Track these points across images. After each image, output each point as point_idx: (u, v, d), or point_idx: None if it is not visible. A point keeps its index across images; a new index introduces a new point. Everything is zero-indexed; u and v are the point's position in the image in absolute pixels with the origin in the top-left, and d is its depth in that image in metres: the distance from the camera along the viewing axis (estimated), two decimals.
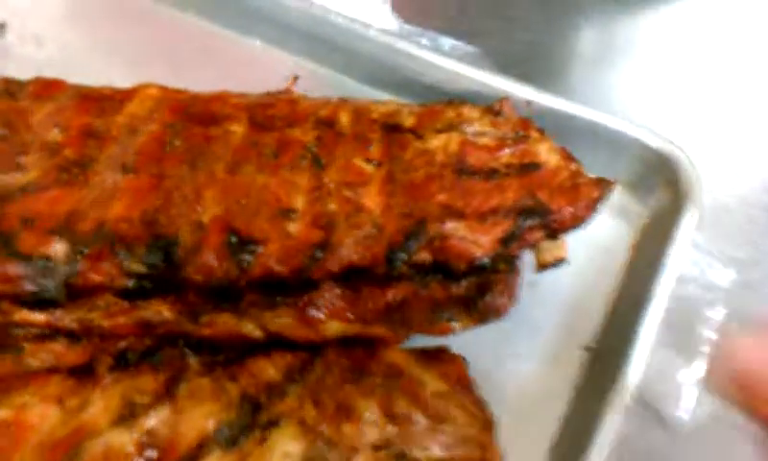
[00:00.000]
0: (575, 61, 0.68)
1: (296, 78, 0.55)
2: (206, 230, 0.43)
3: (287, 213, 0.44)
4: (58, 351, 0.45)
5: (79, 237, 0.42)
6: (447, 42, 0.63)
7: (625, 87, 0.65)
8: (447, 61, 0.59)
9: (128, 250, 0.42)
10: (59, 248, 0.42)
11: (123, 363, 0.45)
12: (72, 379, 0.43)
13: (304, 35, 0.62)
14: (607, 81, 0.65)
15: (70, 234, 0.43)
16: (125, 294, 0.43)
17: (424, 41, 0.62)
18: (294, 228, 0.43)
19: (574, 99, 0.56)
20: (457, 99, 0.54)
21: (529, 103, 0.56)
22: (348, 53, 0.61)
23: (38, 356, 0.45)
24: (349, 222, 0.44)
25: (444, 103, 0.53)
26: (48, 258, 0.42)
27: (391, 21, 0.64)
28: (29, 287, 0.41)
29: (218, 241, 0.43)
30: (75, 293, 0.43)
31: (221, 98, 0.52)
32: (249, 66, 0.62)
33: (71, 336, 0.45)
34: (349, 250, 0.43)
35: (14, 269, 0.41)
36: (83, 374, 0.44)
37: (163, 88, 0.52)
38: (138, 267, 0.42)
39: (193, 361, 0.45)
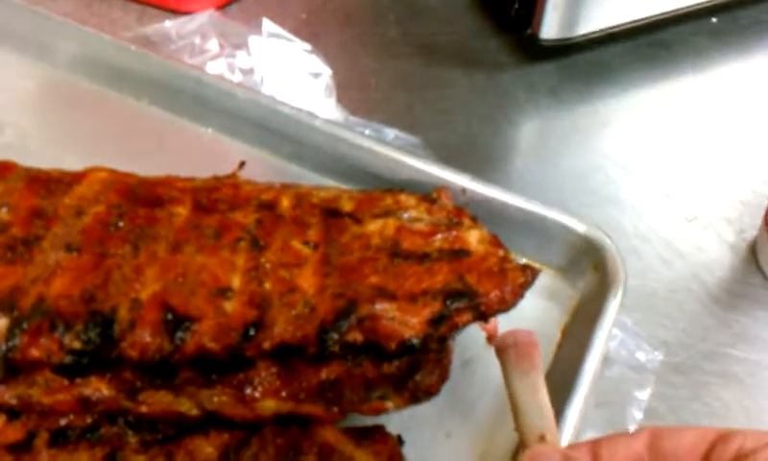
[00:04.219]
0: (512, 153, 0.70)
1: (242, 163, 0.56)
2: (143, 307, 0.43)
3: (223, 292, 0.45)
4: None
5: (20, 313, 0.42)
6: (391, 133, 0.64)
7: (559, 177, 0.66)
8: (389, 150, 0.60)
9: (66, 326, 0.42)
10: (0, 322, 0.42)
11: (61, 439, 0.44)
12: (10, 456, 0.43)
13: (254, 123, 0.63)
14: (542, 171, 0.67)
15: (11, 310, 0.43)
16: (64, 370, 0.43)
17: (368, 132, 0.64)
18: (229, 306, 0.44)
19: (511, 188, 0.58)
20: (397, 187, 0.55)
21: (464, 191, 0.57)
22: (295, 141, 0.62)
23: None
24: (283, 301, 0.45)
25: (383, 190, 0.54)
26: None
27: (336, 113, 0.66)
28: None
29: (154, 318, 0.43)
30: (14, 368, 0.42)
31: (167, 182, 0.53)
32: (200, 153, 0.63)
33: (9, 413, 0.45)
34: (282, 328, 0.44)
35: None
36: (20, 450, 0.43)
37: (113, 171, 0.52)
38: (76, 343, 0.42)
39: (131, 439, 0.45)
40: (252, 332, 0.43)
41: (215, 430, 0.45)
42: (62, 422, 0.45)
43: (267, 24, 0.66)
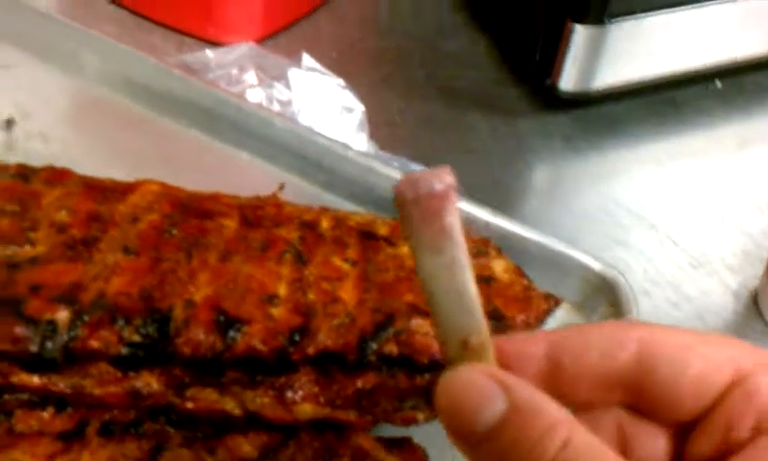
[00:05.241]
0: (528, 194, 0.73)
1: (281, 186, 0.59)
2: (197, 308, 0.46)
3: (270, 299, 0.47)
4: (45, 418, 0.47)
5: (81, 306, 0.45)
6: (417, 168, 0.67)
7: (572, 219, 0.70)
8: None
9: (125, 320, 0.44)
10: (62, 314, 0.44)
11: (108, 432, 0.46)
12: (61, 442, 0.45)
13: (290, 151, 0.66)
14: (556, 213, 0.70)
15: (73, 303, 0.45)
16: (119, 362, 0.45)
17: (396, 165, 0.67)
18: (276, 312, 0.46)
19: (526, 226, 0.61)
20: None
21: (487, 224, 0.61)
22: (329, 171, 0.65)
23: (27, 422, 0.47)
24: (326, 311, 0.47)
25: None
26: (52, 323, 0.44)
27: (367, 147, 0.69)
28: (32, 348, 0.43)
29: (207, 318, 0.45)
30: (73, 358, 0.45)
31: (215, 197, 0.55)
32: (237, 177, 0.66)
33: (59, 405, 0.47)
34: (325, 336, 0.46)
35: (21, 331, 0.43)
36: (71, 438, 0.46)
37: (163, 184, 0.55)
38: (134, 337, 0.44)
39: (174, 434, 0.47)
40: (297, 338, 0.45)
41: (254, 431, 0.47)
42: (107, 416, 0.47)
43: (306, 58, 0.69)
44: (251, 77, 0.72)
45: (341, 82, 0.69)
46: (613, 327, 0.34)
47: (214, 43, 0.77)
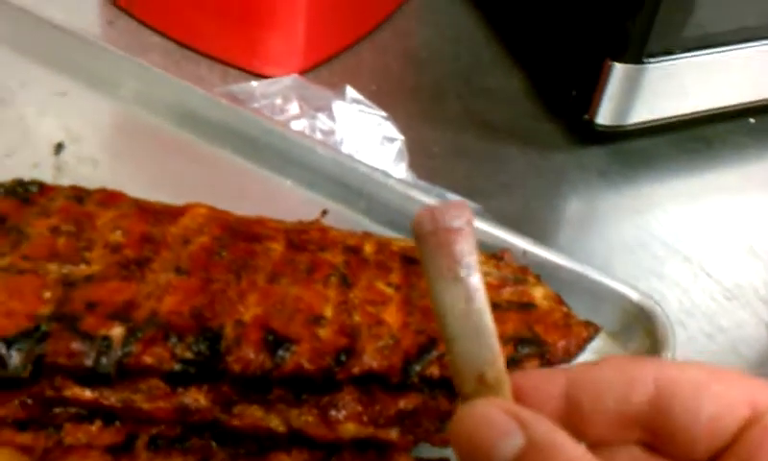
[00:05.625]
0: (563, 226, 0.74)
1: (324, 212, 0.60)
2: (247, 327, 0.47)
3: (317, 320, 0.48)
4: (93, 431, 0.48)
5: (134, 323, 0.46)
6: (454, 197, 0.69)
7: (606, 250, 0.71)
8: None
9: (177, 337, 0.46)
10: (116, 331, 0.46)
11: (155, 446, 0.48)
12: (110, 455, 0.46)
13: (332, 179, 0.68)
14: (590, 244, 0.71)
15: (127, 320, 0.46)
16: (171, 378, 0.46)
17: (434, 195, 0.68)
18: (323, 333, 0.48)
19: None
20: None
21: (525, 253, 0.62)
22: (369, 198, 0.67)
23: (75, 435, 0.48)
24: (371, 333, 0.48)
25: None
26: (107, 339, 0.45)
27: (407, 176, 0.70)
28: (87, 363, 0.45)
29: (257, 337, 0.46)
30: (125, 373, 0.46)
31: (261, 221, 0.57)
32: (280, 203, 0.67)
33: (107, 419, 0.48)
34: (370, 357, 0.47)
35: (77, 346, 0.45)
36: (120, 451, 0.47)
37: (212, 208, 0.57)
38: (186, 354, 0.45)
39: (218, 451, 0.48)
40: (343, 358, 0.46)
41: (297, 448, 0.48)
42: (154, 431, 0.48)
43: (350, 90, 0.71)
44: (294, 107, 0.73)
45: (383, 113, 0.71)
46: (629, 364, 0.34)
47: (258, 75, 0.79)
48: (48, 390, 0.47)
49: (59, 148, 0.70)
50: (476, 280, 0.31)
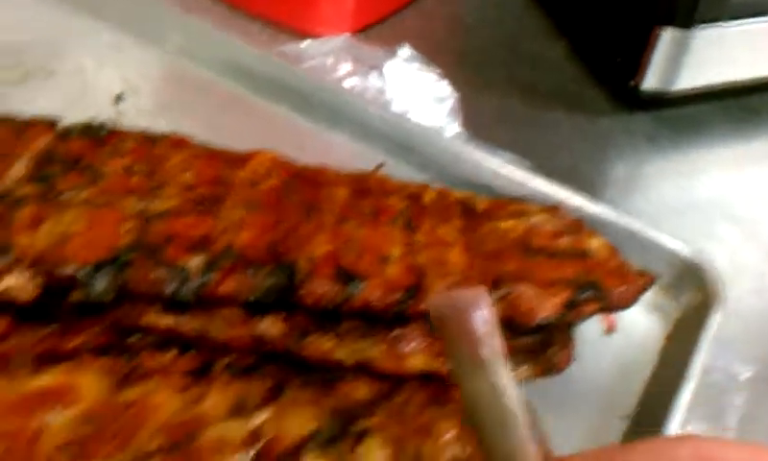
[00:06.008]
0: (609, 187, 0.75)
1: (382, 164, 0.62)
2: (319, 263, 0.49)
3: (385, 259, 0.50)
4: (169, 359, 0.50)
5: (212, 255, 0.48)
6: (505, 155, 0.70)
7: (655, 211, 0.72)
8: (508, 168, 0.66)
9: (254, 269, 0.48)
10: (195, 260, 0.48)
11: (229, 373, 0.50)
12: (189, 377, 0.48)
13: (384, 136, 0.70)
14: (639, 204, 0.73)
15: (204, 252, 0.48)
16: (247, 307, 0.48)
17: (486, 152, 0.70)
18: (391, 271, 0.49)
19: None
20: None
21: (577, 209, 0.63)
22: (421, 155, 0.68)
23: (152, 362, 0.50)
24: (437, 272, 0.50)
25: (508, 199, 0.60)
26: (186, 268, 0.47)
27: (459, 133, 0.72)
28: (167, 291, 0.47)
29: (328, 272, 0.48)
30: (203, 302, 0.48)
31: (324, 170, 0.59)
32: (334, 158, 0.69)
33: (182, 348, 0.50)
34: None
35: (158, 274, 0.47)
36: (198, 375, 0.49)
37: (276, 155, 0.58)
38: (262, 284, 0.47)
39: (293, 376, 0.50)
40: (411, 294, 0.48)
41: (366, 377, 0.50)
42: (227, 359, 0.50)
43: (402, 50, 0.73)
44: (345, 67, 0.75)
45: (437, 70, 0.72)
46: (664, 445, 0.33)
47: (308, 36, 0.81)
48: (127, 318, 0.49)
49: (118, 99, 0.72)
50: (501, 366, 0.30)
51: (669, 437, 0.38)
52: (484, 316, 0.30)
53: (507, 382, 0.30)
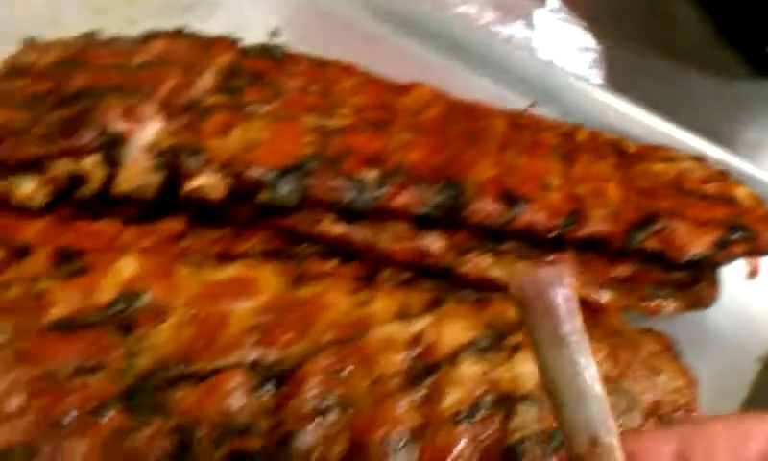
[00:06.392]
0: (741, 148, 0.76)
1: (533, 103, 0.65)
2: (485, 183, 0.52)
3: (546, 186, 0.53)
4: (331, 267, 0.54)
5: (386, 170, 0.52)
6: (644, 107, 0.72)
7: None
8: (653, 118, 0.68)
9: (426, 185, 0.51)
10: (371, 174, 0.51)
11: (392, 282, 0.53)
12: (356, 282, 0.52)
13: (529, 81, 0.72)
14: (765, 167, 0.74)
15: (378, 167, 0.52)
16: (417, 221, 0.52)
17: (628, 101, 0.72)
18: (553, 197, 0.52)
19: None
20: None
21: (719, 162, 0.65)
22: (564, 102, 0.71)
23: (319, 268, 0.54)
24: (596, 202, 0.53)
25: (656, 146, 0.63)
26: (363, 179, 0.51)
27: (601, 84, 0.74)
28: (346, 199, 0.50)
29: (495, 192, 0.51)
30: (374, 214, 0.51)
31: (479, 104, 0.62)
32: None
33: (345, 258, 0.54)
34: (597, 221, 0.52)
35: (338, 183, 0.51)
36: (364, 281, 0.52)
37: (434, 88, 0.62)
38: (434, 199, 0.51)
39: (449, 293, 0.53)
40: (571, 221, 0.51)
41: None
42: (388, 271, 0.54)
43: (551, 0, 0.75)
44: (489, 15, 0.78)
45: (582, 23, 0.74)
46: (740, 420, 0.34)
47: None
48: (302, 224, 0.53)
49: (274, 34, 0.75)
50: (584, 345, 0.30)
51: (748, 413, 0.39)
52: (566, 294, 0.30)
53: (587, 359, 0.30)
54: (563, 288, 0.30)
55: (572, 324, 0.30)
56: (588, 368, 0.30)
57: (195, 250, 0.53)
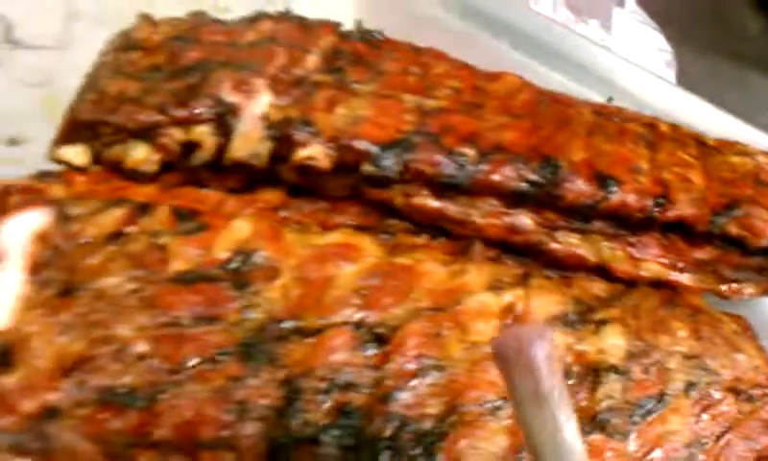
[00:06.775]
0: None
1: (610, 98, 0.67)
2: (578, 164, 0.54)
3: (635, 170, 0.55)
4: (423, 241, 0.57)
5: (482, 149, 0.54)
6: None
7: None
8: (722, 116, 0.70)
9: (522, 163, 0.54)
10: (470, 150, 0.54)
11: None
12: (450, 255, 0.55)
13: (604, 77, 0.75)
14: None
15: (476, 144, 0.55)
16: (505, 199, 0.54)
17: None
18: (643, 179, 0.55)
19: None
20: None
21: None
22: (640, 98, 0.73)
23: (410, 241, 0.57)
24: (682, 187, 0.55)
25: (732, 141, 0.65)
26: (463, 155, 0.53)
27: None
28: (447, 172, 0.53)
29: (588, 173, 0.54)
30: (473, 188, 0.54)
31: (563, 94, 0.64)
32: None
33: (435, 233, 0.57)
34: (684, 205, 0.54)
35: (439, 157, 0.53)
36: (458, 253, 0.55)
37: (521, 77, 0.64)
38: (532, 176, 0.53)
39: (537, 270, 0.56)
40: (660, 203, 0.53)
41: (599, 276, 0.55)
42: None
43: (630, 2, 0.77)
44: (563, 14, 0.80)
45: (653, 24, 0.77)
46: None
47: None
48: (398, 198, 0.55)
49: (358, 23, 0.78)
50: (565, 401, 0.30)
51: None
52: (546, 351, 0.30)
53: (568, 416, 0.30)
54: (543, 345, 0.30)
55: (553, 381, 0.30)
56: (569, 424, 0.30)
57: (292, 221, 0.56)
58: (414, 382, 0.48)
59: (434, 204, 0.55)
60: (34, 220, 0.47)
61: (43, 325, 0.45)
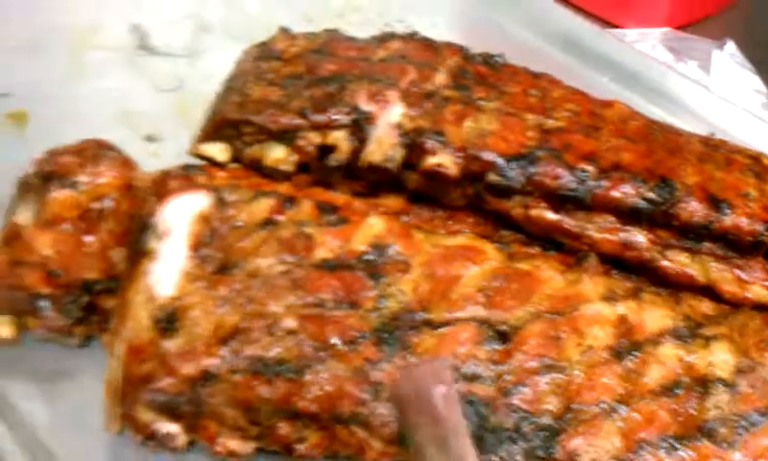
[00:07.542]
0: None
1: (713, 134, 0.70)
2: (692, 186, 0.57)
3: (746, 195, 0.58)
4: (537, 252, 0.60)
5: (602, 167, 0.58)
6: None
7: None
8: None
9: (640, 181, 0.57)
10: (591, 167, 0.57)
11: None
12: (565, 265, 0.58)
13: (702, 116, 0.78)
14: None
15: (596, 163, 0.58)
16: (620, 216, 0.57)
17: None
18: (753, 205, 0.58)
19: None
20: None
21: None
22: (731, 138, 0.76)
23: (525, 251, 0.60)
24: None
25: None
26: (585, 170, 0.57)
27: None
28: (569, 186, 0.57)
29: (701, 195, 0.57)
30: (592, 204, 0.57)
31: (670, 125, 0.67)
32: None
33: (546, 245, 0.60)
34: None
35: (562, 171, 0.57)
36: (572, 265, 0.58)
37: (629, 106, 0.68)
38: (649, 194, 0.56)
39: (645, 286, 0.59)
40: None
41: (706, 296, 0.58)
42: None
43: (729, 45, 0.81)
44: (664, 55, 0.84)
45: (750, 66, 0.80)
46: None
47: (618, 26, 0.90)
48: (516, 209, 0.59)
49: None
50: (465, 445, 0.30)
51: None
52: (444, 392, 0.31)
53: (467, 455, 0.30)
54: (441, 386, 0.30)
55: (452, 422, 0.30)
56: None
57: (413, 226, 0.59)
58: (534, 379, 0.51)
59: (551, 216, 0.58)
60: (195, 202, 0.52)
61: (203, 297, 0.49)
